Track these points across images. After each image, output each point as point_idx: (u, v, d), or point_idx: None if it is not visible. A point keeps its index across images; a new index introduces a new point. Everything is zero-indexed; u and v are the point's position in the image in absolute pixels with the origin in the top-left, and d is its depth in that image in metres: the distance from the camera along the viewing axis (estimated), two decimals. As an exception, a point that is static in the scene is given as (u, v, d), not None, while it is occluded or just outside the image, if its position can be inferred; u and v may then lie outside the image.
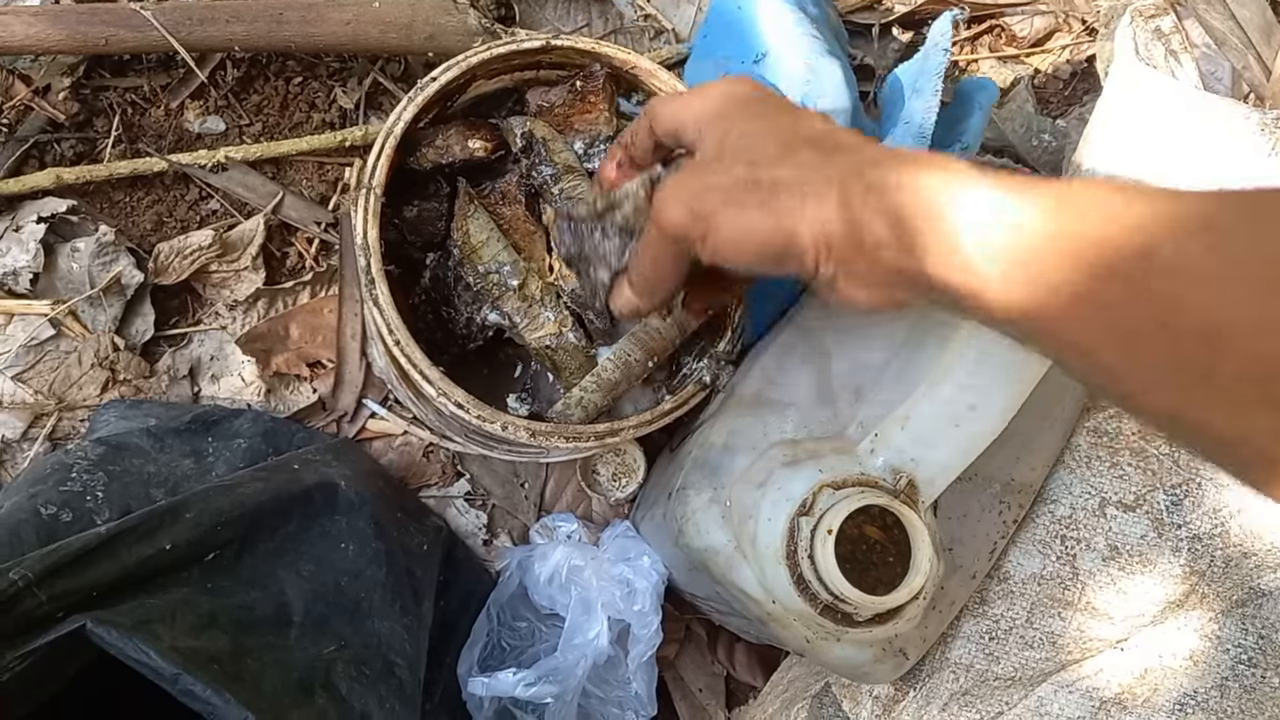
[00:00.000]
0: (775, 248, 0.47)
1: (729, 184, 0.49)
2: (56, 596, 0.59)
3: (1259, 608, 0.65)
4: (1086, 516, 0.71)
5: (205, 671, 0.59)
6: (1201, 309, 0.33)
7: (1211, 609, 0.66)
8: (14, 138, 0.90)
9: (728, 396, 0.75)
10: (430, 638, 0.80)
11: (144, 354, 0.91)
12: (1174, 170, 0.82)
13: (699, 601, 0.90)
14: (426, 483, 0.98)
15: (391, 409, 0.97)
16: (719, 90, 0.54)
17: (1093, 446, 0.73)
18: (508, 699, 0.85)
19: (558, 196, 0.76)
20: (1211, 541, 0.68)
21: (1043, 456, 0.73)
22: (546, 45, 0.77)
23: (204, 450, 0.85)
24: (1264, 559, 0.67)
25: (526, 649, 0.92)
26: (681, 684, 1.02)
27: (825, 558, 0.56)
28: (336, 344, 0.96)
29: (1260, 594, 0.65)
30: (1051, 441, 0.73)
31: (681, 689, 1.01)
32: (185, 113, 0.95)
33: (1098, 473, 0.73)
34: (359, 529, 0.80)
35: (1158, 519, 0.70)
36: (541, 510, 1.01)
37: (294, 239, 0.97)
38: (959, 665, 0.70)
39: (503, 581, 0.92)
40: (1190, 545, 0.69)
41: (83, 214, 0.90)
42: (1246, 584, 0.66)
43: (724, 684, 1.02)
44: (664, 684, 1.00)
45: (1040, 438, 0.73)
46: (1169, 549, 0.69)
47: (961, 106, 0.85)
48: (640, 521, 0.94)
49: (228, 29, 0.87)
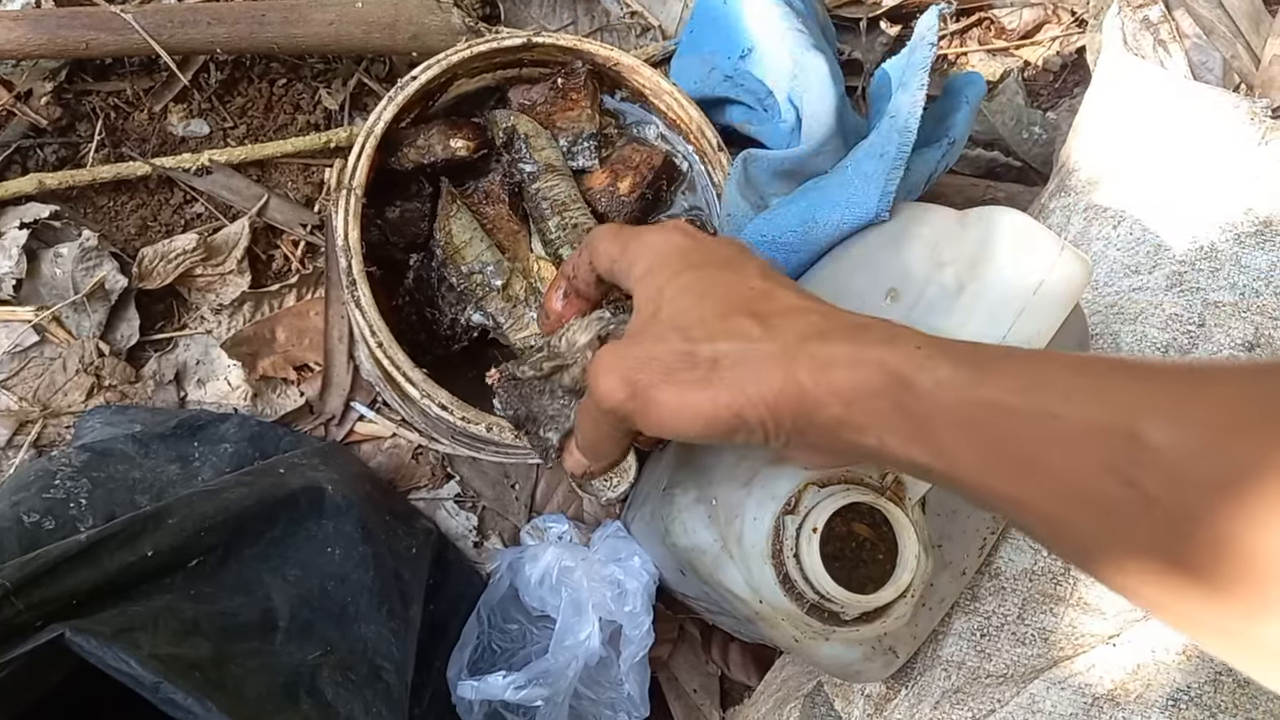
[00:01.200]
0: (720, 426, 0.44)
1: (666, 357, 0.45)
2: (35, 605, 0.59)
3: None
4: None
5: (186, 679, 0.59)
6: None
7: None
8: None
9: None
10: (419, 641, 0.80)
11: (129, 359, 0.90)
12: (1164, 161, 0.81)
13: (690, 601, 0.90)
14: (416, 485, 0.98)
15: (380, 411, 0.97)
16: (653, 240, 0.50)
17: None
18: (498, 702, 0.84)
19: (534, 195, 0.76)
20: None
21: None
22: (528, 43, 0.76)
23: (190, 455, 0.84)
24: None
25: (518, 651, 0.91)
26: (675, 684, 1.01)
27: (810, 556, 0.56)
28: (323, 347, 0.96)
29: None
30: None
31: (675, 689, 1.01)
32: (169, 116, 0.94)
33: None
34: (346, 533, 0.80)
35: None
36: (532, 511, 1.01)
37: (279, 241, 0.96)
38: (950, 662, 0.70)
39: (493, 583, 0.92)
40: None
41: (66, 219, 0.90)
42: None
43: (718, 683, 1.01)
44: (658, 684, 0.99)
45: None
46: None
47: (949, 101, 0.84)
48: (631, 521, 0.93)
49: (209, 31, 0.86)
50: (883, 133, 0.72)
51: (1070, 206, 0.86)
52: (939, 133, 0.81)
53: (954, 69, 1.18)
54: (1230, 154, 0.77)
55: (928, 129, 0.81)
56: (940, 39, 1.17)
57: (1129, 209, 0.81)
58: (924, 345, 0.40)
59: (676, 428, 0.46)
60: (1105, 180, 0.84)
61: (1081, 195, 0.85)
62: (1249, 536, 0.29)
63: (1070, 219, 0.85)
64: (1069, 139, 0.94)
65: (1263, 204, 0.74)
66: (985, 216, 0.64)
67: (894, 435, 0.40)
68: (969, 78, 0.85)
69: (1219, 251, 0.75)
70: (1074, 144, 0.91)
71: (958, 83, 0.84)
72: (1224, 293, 0.73)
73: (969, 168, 1.09)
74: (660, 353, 0.45)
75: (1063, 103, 1.13)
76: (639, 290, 0.49)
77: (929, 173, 0.78)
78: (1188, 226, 0.77)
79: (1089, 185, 0.85)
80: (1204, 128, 0.80)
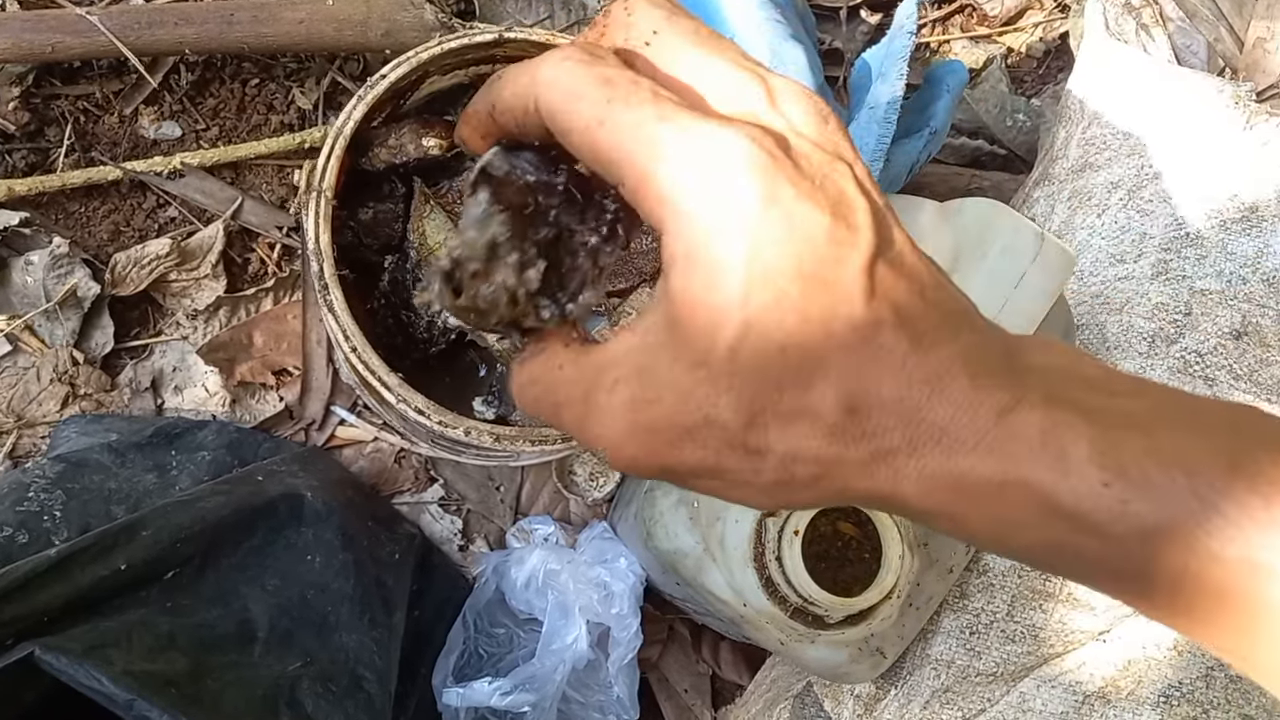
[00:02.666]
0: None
1: (717, 443, 0.28)
2: (5, 623, 0.58)
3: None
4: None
5: (161, 696, 0.58)
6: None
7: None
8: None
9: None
10: (403, 648, 0.79)
11: (104, 367, 0.89)
12: (1148, 147, 0.80)
13: (678, 602, 0.89)
14: (399, 489, 0.97)
15: (361, 415, 0.95)
16: (707, 135, 0.27)
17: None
18: (485, 709, 0.84)
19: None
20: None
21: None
22: (499, 38, 0.75)
23: (167, 464, 0.83)
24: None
25: (504, 656, 0.90)
26: (666, 685, 1.00)
27: (792, 559, 0.55)
28: (302, 350, 0.94)
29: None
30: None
31: (666, 690, 1.00)
32: (139, 119, 0.92)
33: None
34: (326, 540, 0.79)
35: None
36: (518, 513, 1.00)
37: (255, 244, 0.95)
38: (940, 662, 0.69)
39: (479, 588, 0.91)
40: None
41: (36, 226, 0.88)
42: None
43: (709, 683, 1.00)
44: (648, 686, 0.98)
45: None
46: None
47: (930, 90, 0.83)
48: (618, 522, 0.92)
49: (177, 32, 0.85)
50: (861, 124, 0.71)
51: (1054, 195, 0.85)
52: (920, 122, 0.80)
53: (936, 57, 1.17)
54: (1215, 139, 0.76)
55: (909, 119, 0.79)
56: (921, 27, 1.16)
57: (1113, 196, 0.80)
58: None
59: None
60: (1089, 167, 0.83)
61: (1065, 183, 0.84)
62: None
63: (1054, 207, 0.84)
64: (1053, 126, 0.93)
65: (1248, 189, 0.73)
66: (966, 209, 0.63)
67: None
68: (950, 66, 0.83)
69: (1205, 238, 0.74)
70: (1057, 131, 0.90)
71: (939, 71, 0.83)
72: (1210, 280, 0.72)
73: (953, 157, 1.08)
74: (710, 435, 0.28)
75: (1047, 89, 1.12)
76: (680, 230, 0.26)
77: (910, 163, 0.77)
78: (1173, 213, 0.76)
79: (1073, 173, 0.84)
80: (1188, 112, 0.79)
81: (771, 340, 0.26)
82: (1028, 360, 0.29)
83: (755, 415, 0.27)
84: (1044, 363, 0.29)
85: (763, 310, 0.26)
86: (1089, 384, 0.28)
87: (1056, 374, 0.29)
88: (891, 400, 0.27)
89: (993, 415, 0.27)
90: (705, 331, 0.26)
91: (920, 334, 0.27)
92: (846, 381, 0.27)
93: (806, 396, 0.27)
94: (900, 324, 0.27)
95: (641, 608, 0.86)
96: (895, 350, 0.27)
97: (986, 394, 0.27)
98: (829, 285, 0.26)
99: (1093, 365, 0.30)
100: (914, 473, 0.28)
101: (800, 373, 0.27)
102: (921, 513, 0.29)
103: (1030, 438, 0.27)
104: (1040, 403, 0.27)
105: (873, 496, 0.28)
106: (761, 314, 0.26)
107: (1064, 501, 0.26)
